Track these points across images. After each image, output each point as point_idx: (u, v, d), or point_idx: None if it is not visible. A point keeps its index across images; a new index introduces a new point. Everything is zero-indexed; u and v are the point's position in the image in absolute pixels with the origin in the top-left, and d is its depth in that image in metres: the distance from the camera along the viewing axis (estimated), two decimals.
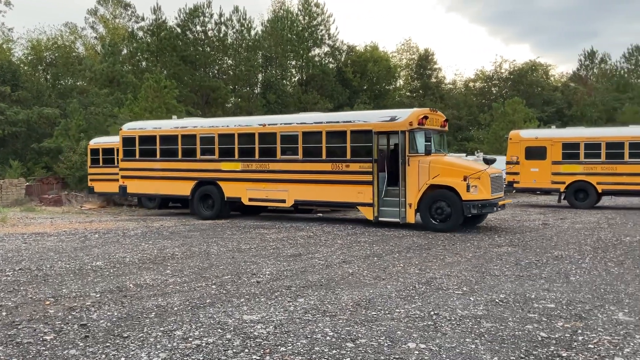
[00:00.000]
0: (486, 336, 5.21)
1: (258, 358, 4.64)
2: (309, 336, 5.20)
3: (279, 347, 4.91)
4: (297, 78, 48.78)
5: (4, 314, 6.04)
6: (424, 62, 57.14)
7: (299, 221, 16.01)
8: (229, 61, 43.72)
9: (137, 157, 17.83)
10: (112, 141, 23.91)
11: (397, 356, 4.67)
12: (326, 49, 49.94)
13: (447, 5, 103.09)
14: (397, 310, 6.08)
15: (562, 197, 20.66)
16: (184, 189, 16.99)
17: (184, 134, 16.96)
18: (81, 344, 5.03)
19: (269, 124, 15.72)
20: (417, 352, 4.77)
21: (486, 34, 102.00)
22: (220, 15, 41.68)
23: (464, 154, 30.20)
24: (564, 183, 20.44)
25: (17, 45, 48.39)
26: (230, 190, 16.24)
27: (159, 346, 4.93)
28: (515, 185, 21.40)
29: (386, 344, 4.97)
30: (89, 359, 4.66)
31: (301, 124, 15.22)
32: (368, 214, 14.23)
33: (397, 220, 13.82)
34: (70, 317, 5.91)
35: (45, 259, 9.61)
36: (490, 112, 43.29)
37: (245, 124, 16.28)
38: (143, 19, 47.20)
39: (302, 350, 4.81)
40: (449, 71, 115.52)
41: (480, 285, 7.35)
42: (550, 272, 8.31)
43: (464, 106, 51.56)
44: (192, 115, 31.41)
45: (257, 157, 15.73)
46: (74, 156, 29.11)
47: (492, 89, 56.87)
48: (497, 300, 6.53)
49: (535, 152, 19.47)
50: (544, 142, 20.97)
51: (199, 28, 41.16)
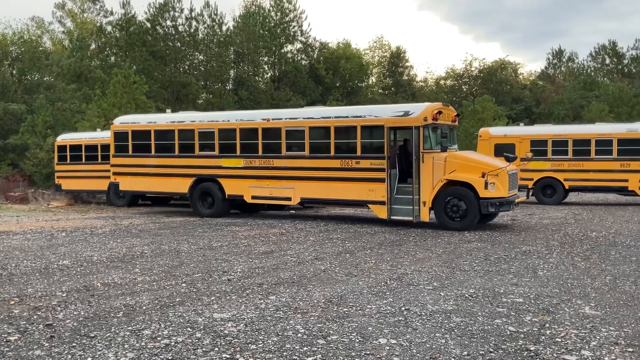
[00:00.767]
0: (456, 331, 5.26)
1: (228, 356, 4.60)
2: (280, 333, 5.17)
3: (249, 345, 4.87)
4: (269, 74, 48.57)
5: None
6: (396, 59, 57.56)
7: (272, 218, 15.95)
8: (200, 57, 43.24)
9: (130, 152, 17.15)
10: (80, 137, 23.49)
11: (368, 352, 4.68)
12: (299, 45, 49.86)
13: (419, 3, 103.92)
14: (369, 306, 6.10)
15: (530, 194, 21.01)
16: (181, 185, 16.41)
17: (181, 129, 16.38)
18: (46, 344, 4.92)
19: (273, 119, 15.19)
20: (388, 348, 4.78)
21: (457, 32, 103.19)
22: (191, 10, 41.22)
23: None
24: (532, 179, 20.79)
25: None
26: (231, 187, 15.69)
27: (126, 346, 4.85)
28: None
29: (357, 340, 4.97)
30: (55, 359, 4.56)
31: (308, 118, 14.71)
32: (380, 212, 13.58)
33: (411, 219, 13.23)
34: (35, 317, 5.78)
35: (10, 258, 9.38)
36: (461, 110, 43.73)
37: (247, 119, 15.74)
38: (112, 13, 46.34)
39: (272, 348, 4.78)
40: (420, 69, 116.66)
41: (450, 281, 7.42)
42: (519, 267, 8.43)
43: None
44: (162, 111, 31.02)
45: (260, 153, 15.18)
46: (41, 153, 28.55)
47: (463, 87, 57.52)
48: (466, 295, 6.59)
49: (505, 150, 19.65)
50: (513, 139, 21.29)
51: (169, 23, 40.60)
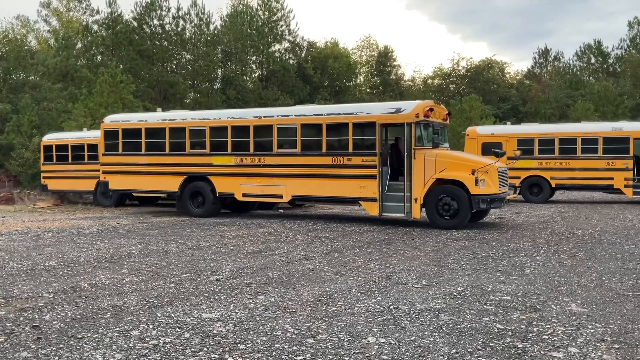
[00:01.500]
0: (444, 329, 5.28)
1: (217, 357, 4.58)
2: (269, 333, 5.16)
3: (238, 345, 4.86)
4: (257, 74, 48.46)
5: None
6: (384, 59, 57.72)
7: (260, 218, 15.92)
8: (188, 56, 43.06)
9: (120, 151, 17.08)
10: (66, 137, 23.30)
11: (357, 351, 4.69)
12: (286, 44, 49.83)
13: (407, 2, 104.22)
14: (357, 305, 6.11)
15: (517, 192, 21.15)
16: (171, 184, 16.34)
17: (172, 127, 16.35)
18: (33, 345, 4.87)
19: (264, 116, 15.20)
20: (376, 347, 4.79)
21: (445, 31, 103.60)
22: (178, 9, 41.04)
23: None
24: (519, 178, 20.94)
25: None
26: (222, 185, 15.65)
27: (114, 347, 4.82)
28: None
29: (346, 339, 4.98)
30: None
31: (300, 116, 14.73)
32: (372, 209, 13.65)
33: (402, 215, 13.32)
34: (21, 318, 5.72)
35: None
36: (448, 109, 43.94)
37: (239, 117, 15.74)
38: (98, 12, 46.05)
39: (261, 348, 4.77)
40: (408, 68, 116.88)
41: (438, 279, 7.45)
42: (506, 265, 8.48)
43: None
44: (149, 111, 30.84)
45: (251, 150, 15.19)
46: (27, 153, 28.29)
47: (450, 86, 57.80)
48: (454, 293, 6.62)
49: (492, 148, 19.80)
50: (500, 138, 21.44)
51: (156, 22, 40.38)
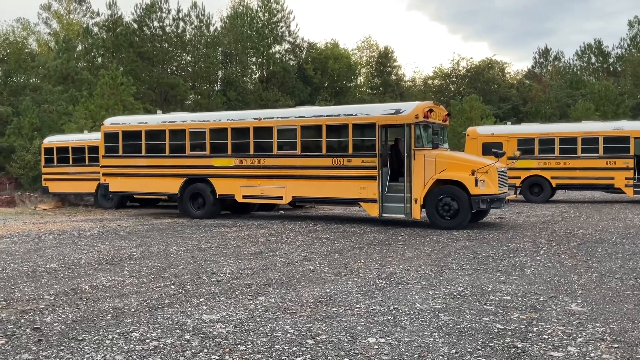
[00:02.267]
0: (444, 329, 5.29)
1: (217, 358, 4.59)
2: (269, 334, 5.17)
3: (238, 346, 4.87)
4: (257, 75, 48.51)
5: None
6: (384, 59, 57.76)
7: (261, 219, 15.94)
8: (188, 58, 43.12)
9: (121, 153, 17.13)
10: (67, 140, 23.33)
11: (357, 351, 4.70)
12: (287, 45, 49.87)
13: (408, 3, 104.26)
14: (358, 306, 6.12)
15: (518, 192, 21.15)
16: (171, 186, 16.38)
17: (172, 129, 16.41)
18: (34, 348, 4.88)
19: (264, 118, 15.25)
20: (376, 347, 4.80)
21: (446, 31, 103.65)
22: (178, 11, 41.11)
23: None
24: (519, 178, 20.94)
25: None
26: (222, 187, 15.68)
27: (115, 348, 4.83)
28: None
29: (346, 340, 4.99)
30: None
31: (300, 117, 14.78)
32: (372, 210, 13.65)
33: (402, 216, 13.37)
34: (23, 320, 5.74)
35: None
36: (449, 109, 43.94)
37: (239, 118, 15.78)
38: (98, 14, 46.21)
39: (262, 349, 4.78)
40: (408, 69, 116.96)
41: (438, 279, 7.46)
42: (506, 265, 8.49)
43: None
44: (150, 112, 30.89)
45: (251, 152, 15.24)
46: (28, 155, 28.33)
47: (450, 86, 57.82)
48: (454, 294, 6.63)
49: (492, 148, 19.82)
50: (500, 138, 21.44)
51: (156, 24, 40.43)
